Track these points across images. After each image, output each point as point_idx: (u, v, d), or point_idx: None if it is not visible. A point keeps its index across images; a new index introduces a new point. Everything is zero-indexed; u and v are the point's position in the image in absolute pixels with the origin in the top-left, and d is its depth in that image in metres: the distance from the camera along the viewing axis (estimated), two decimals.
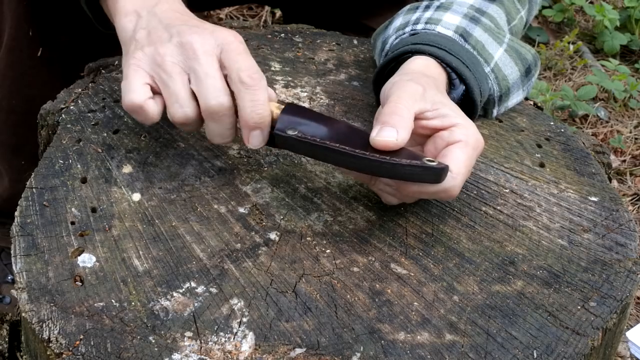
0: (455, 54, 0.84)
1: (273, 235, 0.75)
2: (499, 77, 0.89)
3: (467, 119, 0.75)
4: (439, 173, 0.69)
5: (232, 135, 0.78)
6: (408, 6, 0.95)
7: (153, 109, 0.77)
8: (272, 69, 1.03)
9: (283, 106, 0.77)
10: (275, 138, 0.75)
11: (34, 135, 0.95)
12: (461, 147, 0.72)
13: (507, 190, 0.83)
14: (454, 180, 0.70)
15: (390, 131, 0.70)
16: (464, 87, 0.85)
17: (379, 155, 0.70)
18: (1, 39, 1.11)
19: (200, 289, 0.68)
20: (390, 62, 0.88)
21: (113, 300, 0.67)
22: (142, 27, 0.79)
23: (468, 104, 0.87)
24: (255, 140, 0.77)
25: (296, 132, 0.73)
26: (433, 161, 0.70)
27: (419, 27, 0.89)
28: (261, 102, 0.75)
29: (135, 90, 0.76)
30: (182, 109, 0.75)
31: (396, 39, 0.91)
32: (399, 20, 0.93)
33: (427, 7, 0.92)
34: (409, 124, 0.72)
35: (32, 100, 0.92)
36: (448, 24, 0.88)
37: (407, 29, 0.90)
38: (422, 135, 0.76)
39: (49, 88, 0.95)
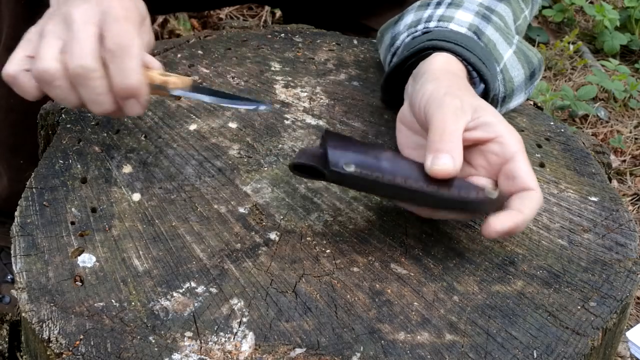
0: (471, 50, 0.83)
1: (273, 235, 0.75)
2: (505, 78, 0.89)
3: (504, 120, 0.74)
4: (502, 203, 0.70)
5: (108, 103, 0.75)
6: (418, 2, 0.93)
7: (27, 81, 0.76)
8: (272, 69, 1.03)
9: (169, 74, 0.75)
10: (327, 174, 0.70)
11: (32, 134, 0.95)
12: (520, 159, 0.71)
13: None
14: (540, 196, 0.70)
15: (446, 159, 0.69)
16: (483, 85, 0.84)
17: (449, 190, 0.69)
18: (0, 39, 1.11)
19: (200, 289, 0.68)
20: (408, 59, 0.86)
21: (113, 300, 0.67)
22: (54, 2, 0.79)
23: None
24: (130, 109, 0.75)
25: (353, 168, 0.69)
26: (494, 191, 0.70)
27: (432, 24, 0.88)
28: (129, 69, 0.73)
29: (12, 61, 0.76)
30: (40, 63, 0.74)
31: (408, 36, 0.90)
32: (410, 17, 0.92)
33: (439, 4, 0.90)
34: (460, 147, 0.70)
35: (30, 100, 0.93)
36: (461, 21, 0.87)
37: (420, 27, 0.89)
38: (464, 147, 0.74)
39: None
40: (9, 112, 1.18)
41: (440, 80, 0.77)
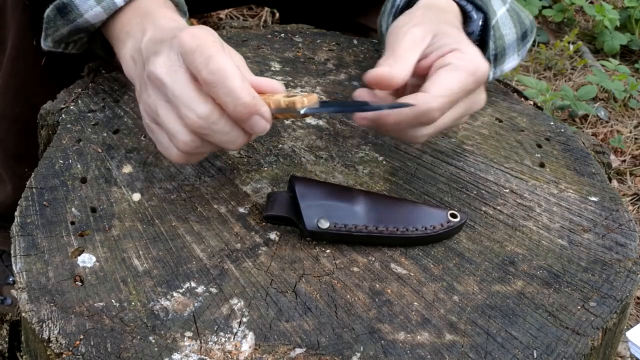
0: None
1: (273, 235, 0.75)
2: (496, 35, 0.89)
3: (469, 46, 0.74)
4: (461, 226, 0.75)
5: (240, 136, 0.71)
6: None
7: (193, 158, 0.74)
8: (272, 69, 1.03)
9: (294, 94, 0.71)
10: (304, 230, 0.73)
11: (36, 143, 0.95)
12: (449, 70, 0.71)
13: (507, 190, 0.83)
14: (429, 103, 0.69)
15: (385, 67, 0.71)
16: (482, 14, 0.83)
17: (416, 228, 0.73)
18: (5, 48, 1.12)
19: (200, 289, 0.68)
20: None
21: (113, 300, 0.67)
22: (136, 75, 0.77)
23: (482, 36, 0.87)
24: (256, 127, 0.69)
25: (328, 224, 0.72)
26: (456, 216, 0.74)
27: None
28: (235, 89, 0.67)
29: (169, 153, 0.73)
30: (176, 141, 0.71)
31: None
32: None
33: None
34: (406, 63, 0.72)
35: (35, 109, 0.92)
36: None
37: None
38: (427, 74, 0.76)
39: (52, 97, 0.96)
40: (14, 122, 1.18)
41: (414, 15, 0.78)
